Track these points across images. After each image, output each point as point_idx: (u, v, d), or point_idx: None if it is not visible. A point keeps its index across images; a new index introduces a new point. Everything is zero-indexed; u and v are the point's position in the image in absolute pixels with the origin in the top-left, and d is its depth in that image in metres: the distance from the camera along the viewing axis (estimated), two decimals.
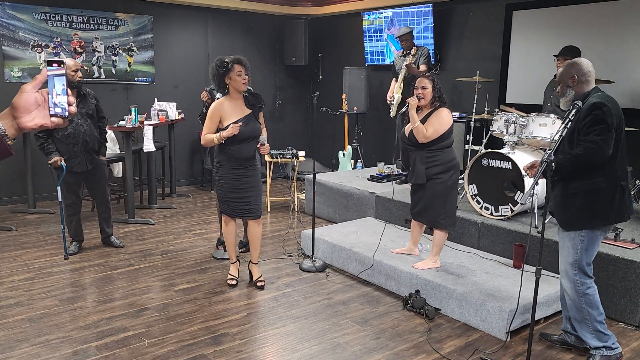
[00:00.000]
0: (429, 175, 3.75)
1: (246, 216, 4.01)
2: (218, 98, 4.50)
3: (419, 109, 3.83)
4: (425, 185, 3.79)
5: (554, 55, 4.89)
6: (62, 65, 1.19)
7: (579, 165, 2.79)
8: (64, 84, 1.20)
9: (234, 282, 4.11)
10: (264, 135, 3.86)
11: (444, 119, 3.72)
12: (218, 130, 3.78)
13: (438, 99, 3.77)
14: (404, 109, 3.90)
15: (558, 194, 2.96)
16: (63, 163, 4.46)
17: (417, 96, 3.79)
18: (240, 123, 3.72)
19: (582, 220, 2.87)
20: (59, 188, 4.55)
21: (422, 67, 5.75)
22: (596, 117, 2.75)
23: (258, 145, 3.84)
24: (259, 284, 4.10)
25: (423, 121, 3.76)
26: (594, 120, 2.75)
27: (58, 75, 1.19)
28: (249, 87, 3.90)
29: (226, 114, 3.77)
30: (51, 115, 1.20)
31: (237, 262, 4.22)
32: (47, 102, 1.20)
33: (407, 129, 3.82)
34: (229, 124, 3.72)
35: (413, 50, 5.73)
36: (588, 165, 2.79)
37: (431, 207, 3.81)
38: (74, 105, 1.23)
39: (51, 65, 1.19)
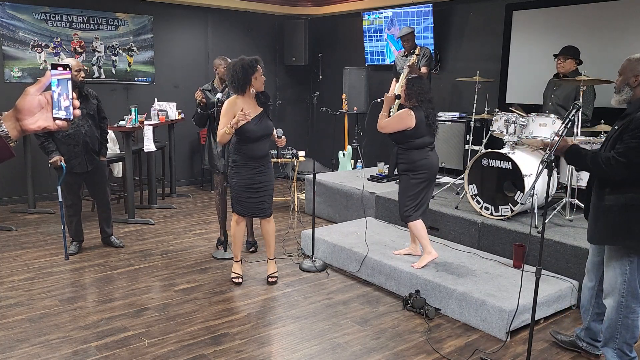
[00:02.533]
0: (399, 170, 3.97)
1: (259, 215, 4.05)
2: (219, 99, 4.52)
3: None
4: (399, 180, 4.05)
5: (554, 55, 4.89)
6: (67, 69, 1.19)
7: (600, 171, 2.59)
8: (69, 88, 1.20)
9: (239, 280, 4.13)
10: (280, 129, 3.96)
11: (400, 117, 3.83)
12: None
13: (415, 99, 3.85)
14: (378, 100, 4.14)
15: (593, 204, 2.75)
16: (63, 163, 4.46)
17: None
18: (249, 112, 3.74)
19: (627, 244, 2.62)
20: (59, 188, 4.55)
21: (423, 69, 5.74)
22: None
23: (275, 139, 3.92)
24: (270, 279, 4.14)
25: None
26: (638, 135, 2.49)
27: (63, 78, 1.19)
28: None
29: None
30: (55, 118, 1.20)
31: (241, 260, 4.25)
32: (50, 104, 1.20)
33: None
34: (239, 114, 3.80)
35: (417, 49, 5.72)
36: (603, 175, 2.60)
37: (400, 200, 3.99)
38: (79, 109, 1.23)
39: (55, 69, 1.19)
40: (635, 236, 2.59)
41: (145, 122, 5.85)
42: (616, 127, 2.72)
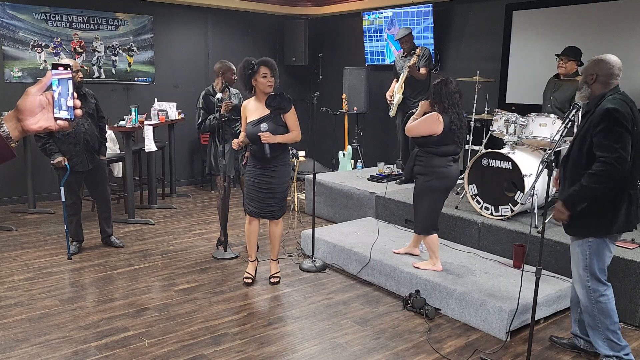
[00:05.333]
0: (415, 171, 3.85)
1: (266, 217, 4.05)
2: (219, 99, 4.52)
3: None
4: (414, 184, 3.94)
5: (556, 55, 4.88)
6: (68, 69, 1.19)
7: (608, 181, 2.65)
8: (70, 87, 1.20)
9: (249, 281, 4.13)
10: (264, 124, 3.80)
11: (428, 122, 3.67)
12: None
13: (441, 104, 3.69)
14: (414, 111, 4.03)
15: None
16: (67, 163, 4.46)
17: None
18: (241, 140, 3.92)
19: (586, 227, 2.80)
20: (62, 188, 4.55)
21: (422, 70, 5.74)
22: (611, 124, 2.63)
23: (259, 133, 3.81)
24: (272, 279, 4.14)
25: None
26: (610, 128, 2.63)
27: (64, 78, 1.19)
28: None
29: (249, 113, 3.90)
30: (56, 118, 1.20)
31: (256, 260, 4.23)
32: (51, 105, 1.20)
33: None
34: (249, 122, 3.87)
35: (418, 50, 5.71)
36: (616, 178, 2.65)
37: (415, 208, 3.90)
38: (80, 108, 1.23)
39: (56, 68, 1.19)
40: (603, 223, 2.76)
41: (145, 122, 5.85)
42: (580, 124, 2.90)
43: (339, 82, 7.70)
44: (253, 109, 3.89)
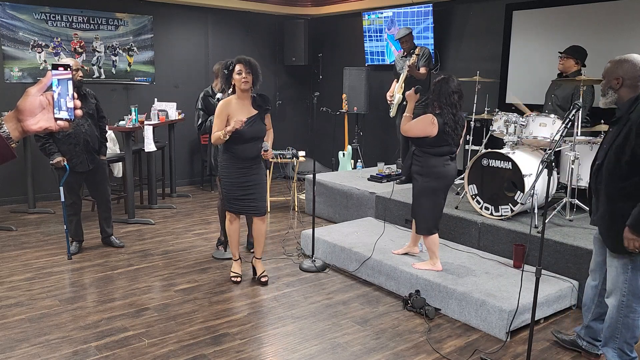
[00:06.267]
0: (412, 171, 3.83)
1: (252, 213, 4.05)
2: (219, 99, 4.53)
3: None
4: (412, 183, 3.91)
5: (559, 52, 4.88)
6: (68, 69, 1.19)
7: None
8: (69, 88, 1.20)
9: (238, 279, 4.15)
10: (267, 142, 3.89)
11: (423, 124, 3.64)
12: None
13: (437, 104, 3.68)
14: (404, 103, 3.98)
15: (605, 210, 2.70)
16: (66, 163, 4.46)
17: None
18: (244, 119, 3.74)
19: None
20: (61, 188, 4.55)
21: (422, 69, 5.74)
22: None
23: (262, 152, 3.86)
24: (262, 279, 4.14)
25: None
26: None
27: (64, 78, 1.19)
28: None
29: (233, 112, 3.83)
30: (56, 119, 1.20)
31: (240, 259, 4.25)
32: (51, 105, 1.20)
33: None
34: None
35: (417, 49, 5.72)
36: None
37: (416, 209, 3.86)
38: (80, 108, 1.23)
39: (56, 69, 1.19)
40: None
41: (145, 122, 5.85)
42: (612, 131, 2.71)
43: (339, 82, 7.70)
44: (238, 108, 3.84)
